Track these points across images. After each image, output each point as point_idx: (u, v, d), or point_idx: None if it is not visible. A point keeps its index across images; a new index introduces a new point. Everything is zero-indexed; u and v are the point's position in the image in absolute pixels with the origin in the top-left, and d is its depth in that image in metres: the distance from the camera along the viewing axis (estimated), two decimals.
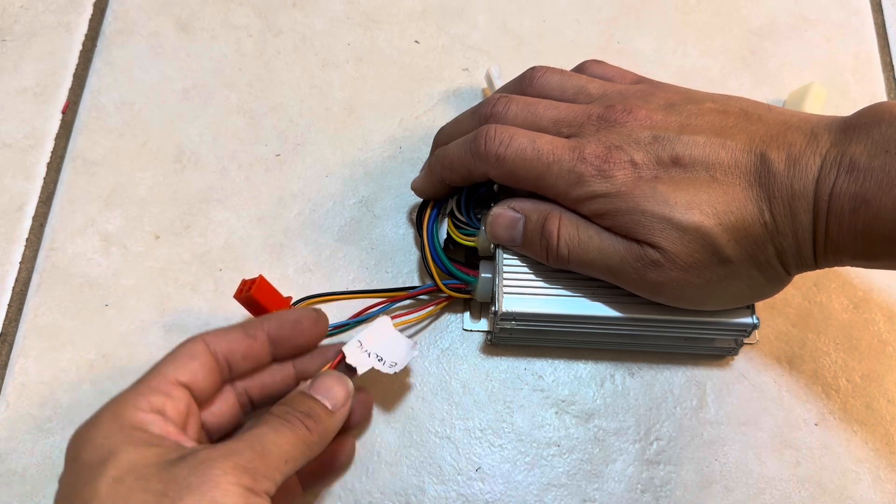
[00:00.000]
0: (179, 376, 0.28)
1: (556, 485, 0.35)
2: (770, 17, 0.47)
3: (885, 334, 0.39)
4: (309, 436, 0.28)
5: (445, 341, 0.38)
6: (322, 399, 0.29)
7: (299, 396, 0.29)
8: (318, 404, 0.29)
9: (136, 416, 0.26)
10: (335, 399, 0.29)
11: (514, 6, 0.47)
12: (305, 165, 0.42)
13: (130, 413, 0.27)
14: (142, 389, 0.28)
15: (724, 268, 0.30)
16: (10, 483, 0.35)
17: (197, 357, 0.29)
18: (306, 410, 0.28)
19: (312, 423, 0.28)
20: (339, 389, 0.30)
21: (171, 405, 0.28)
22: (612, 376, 0.38)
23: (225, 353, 0.30)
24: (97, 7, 0.46)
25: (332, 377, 0.30)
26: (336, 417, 0.29)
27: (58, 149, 0.42)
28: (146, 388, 0.28)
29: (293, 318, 0.31)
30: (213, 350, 0.30)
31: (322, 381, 0.30)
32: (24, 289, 0.39)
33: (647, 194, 0.30)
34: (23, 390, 0.36)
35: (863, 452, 0.36)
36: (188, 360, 0.29)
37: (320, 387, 0.29)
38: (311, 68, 0.45)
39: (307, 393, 0.29)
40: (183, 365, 0.29)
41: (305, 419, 0.28)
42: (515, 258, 0.35)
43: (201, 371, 0.29)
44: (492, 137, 0.33)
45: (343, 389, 0.30)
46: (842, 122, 0.29)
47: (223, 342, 0.30)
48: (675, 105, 0.32)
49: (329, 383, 0.30)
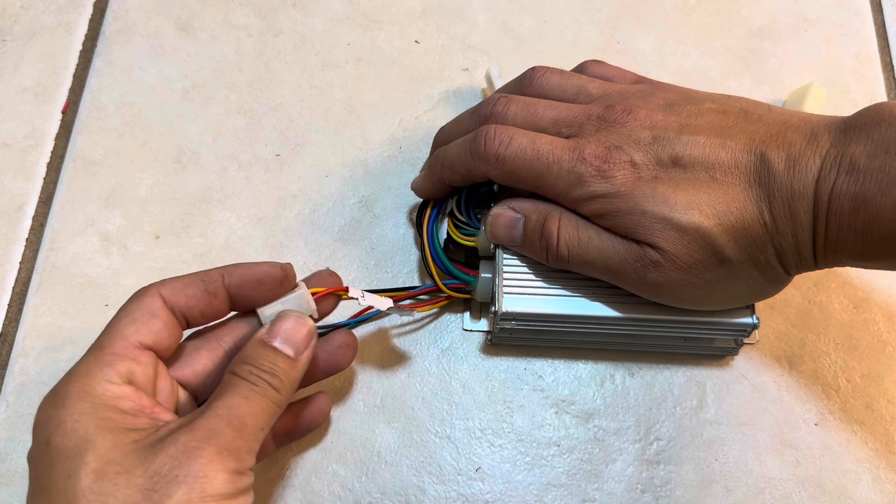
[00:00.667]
0: (143, 338, 0.27)
1: (556, 485, 0.35)
2: (770, 17, 0.47)
3: (885, 334, 0.39)
4: (277, 395, 0.27)
5: (445, 341, 0.38)
6: (282, 346, 0.28)
7: (260, 349, 0.28)
8: (280, 355, 0.28)
9: (107, 392, 0.25)
10: (296, 344, 0.28)
11: (514, 6, 0.47)
12: (305, 165, 0.42)
13: (101, 388, 0.25)
14: (106, 357, 0.26)
15: (724, 268, 0.30)
16: (11, 483, 0.35)
17: (157, 315, 0.28)
18: (269, 368, 0.27)
19: (278, 382, 0.27)
20: (298, 331, 0.28)
21: (140, 371, 0.27)
22: (612, 376, 0.38)
23: (183, 309, 0.29)
24: (97, 7, 0.46)
25: (291, 319, 0.28)
26: (299, 366, 0.28)
27: (58, 149, 0.43)
28: (111, 356, 0.26)
29: (257, 276, 0.29)
30: (170, 305, 0.28)
31: (281, 325, 0.28)
32: (24, 289, 0.39)
33: (647, 194, 0.30)
34: (23, 390, 0.36)
35: (863, 452, 0.36)
36: (149, 318, 0.28)
37: (279, 331, 0.28)
38: (311, 68, 0.45)
39: (267, 342, 0.28)
40: (144, 325, 0.27)
41: (271, 378, 0.27)
42: (515, 258, 0.35)
43: (165, 330, 0.28)
44: (492, 137, 0.33)
45: (303, 331, 0.28)
46: (842, 122, 0.29)
47: (181, 298, 0.28)
48: (674, 105, 0.32)
49: (288, 326, 0.28)
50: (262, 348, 0.28)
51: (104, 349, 0.27)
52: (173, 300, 0.28)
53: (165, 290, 0.28)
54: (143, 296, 0.28)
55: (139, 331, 0.27)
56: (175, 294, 0.28)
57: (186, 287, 0.29)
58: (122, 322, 0.27)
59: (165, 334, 0.28)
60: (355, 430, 0.36)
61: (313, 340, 0.29)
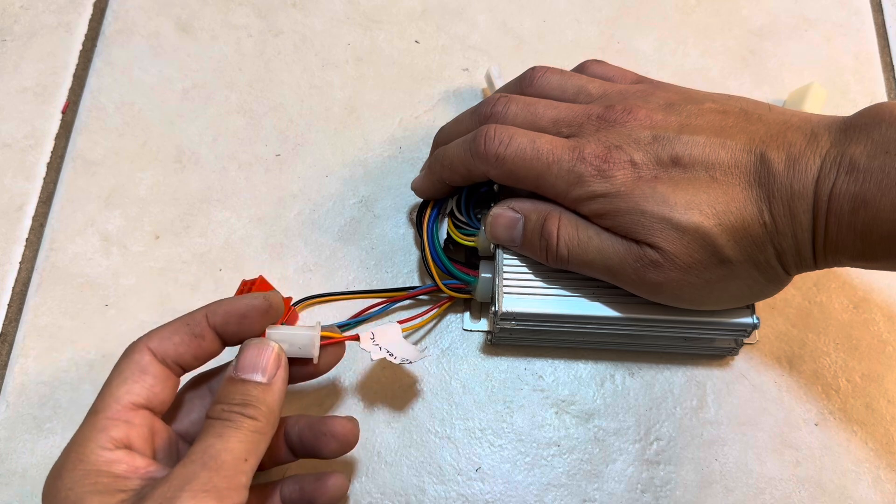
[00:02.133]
0: (135, 398, 0.27)
1: (556, 485, 0.35)
2: (770, 17, 0.47)
3: (885, 334, 0.39)
4: (255, 424, 0.26)
5: (445, 341, 0.38)
6: (251, 376, 0.27)
7: (229, 385, 0.27)
8: (250, 384, 0.27)
9: (100, 458, 0.26)
10: (265, 368, 0.28)
11: (514, 6, 0.47)
12: (305, 165, 0.42)
13: (94, 455, 0.26)
14: (101, 423, 0.26)
15: (724, 268, 0.30)
16: (10, 483, 0.35)
17: (148, 370, 0.28)
18: (241, 399, 0.27)
19: (253, 410, 0.27)
20: (264, 358, 0.28)
21: (135, 434, 0.27)
22: (612, 376, 0.38)
23: (173, 357, 0.28)
24: (97, 7, 0.46)
25: (252, 348, 0.28)
26: (274, 388, 0.28)
27: (58, 149, 0.42)
28: (105, 421, 0.26)
29: (240, 311, 0.29)
30: (160, 357, 0.28)
31: (244, 357, 0.28)
32: (24, 289, 0.39)
33: (647, 194, 0.30)
34: (23, 390, 0.36)
35: (863, 452, 0.36)
36: (140, 376, 0.28)
37: (245, 365, 0.28)
38: (311, 68, 0.45)
39: (235, 377, 0.28)
40: (136, 383, 0.27)
41: (244, 409, 0.26)
42: (515, 258, 0.35)
43: (157, 385, 0.28)
44: (491, 137, 0.33)
45: (268, 355, 0.28)
46: (842, 122, 0.29)
47: (169, 347, 0.28)
48: (674, 105, 0.32)
49: (251, 356, 0.28)
50: (230, 385, 0.27)
51: (98, 414, 0.27)
52: (162, 351, 0.28)
53: (153, 343, 0.28)
54: (131, 353, 0.28)
55: (130, 391, 0.27)
56: (163, 344, 0.28)
57: (172, 335, 0.28)
58: (114, 383, 0.27)
59: (158, 389, 0.28)
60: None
61: (283, 359, 0.29)
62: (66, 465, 0.26)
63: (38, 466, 0.35)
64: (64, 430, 0.36)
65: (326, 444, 0.32)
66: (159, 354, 0.28)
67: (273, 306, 0.30)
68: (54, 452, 0.35)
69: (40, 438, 0.35)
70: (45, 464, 0.35)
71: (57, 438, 0.35)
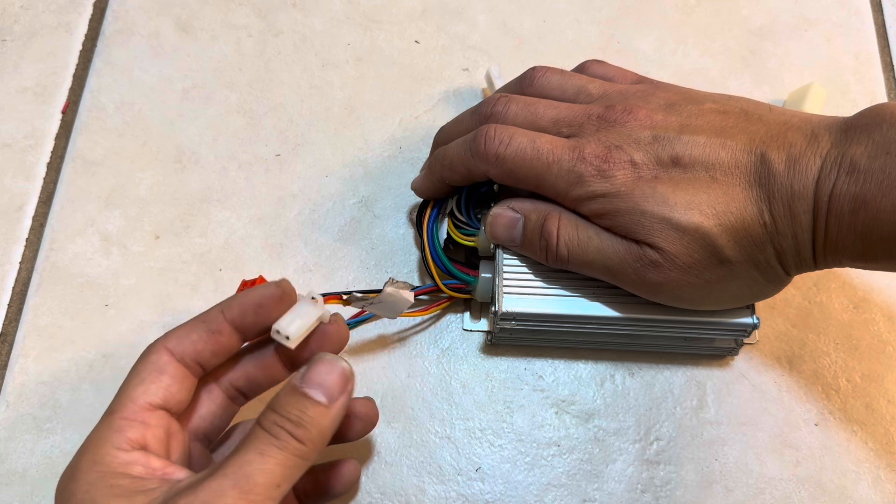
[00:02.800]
0: (152, 399, 0.27)
1: (556, 485, 0.35)
2: (770, 17, 0.47)
3: (885, 334, 0.39)
4: (301, 448, 0.25)
5: (445, 341, 0.38)
6: (313, 392, 0.26)
7: (289, 395, 0.26)
8: (310, 402, 0.26)
9: (115, 460, 0.25)
10: (330, 390, 0.26)
11: (514, 6, 0.47)
12: (305, 165, 0.42)
13: (110, 457, 0.25)
14: (116, 423, 0.26)
15: (724, 268, 0.30)
16: (10, 483, 0.35)
17: (165, 370, 0.27)
18: (296, 417, 0.25)
19: (303, 433, 0.25)
20: (334, 377, 0.26)
21: (150, 435, 0.26)
22: (612, 376, 0.38)
23: (192, 355, 0.28)
24: (97, 7, 0.46)
25: (325, 363, 0.27)
26: (332, 413, 0.26)
27: (58, 149, 0.42)
28: (120, 422, 0.26)
29: (255, 301, 0.28)
30: (178, 357, 0.28)
31: (315, 370, 0.26)
32: (24, 289, 0.39)
33: (647, 194, 0.30)
34: (23, 390, 0.36)
35: (863, 453, 0.36)
36: (157, 376, 0.27)
37: (312, 379, 0.26)
38: (311, 68, 0.45)
39: (298, 388, 0.26)
40: (153, 383, 0.27)
41: (296, 429, 0.25)
42: (515, 258, 0.35)
43: (175, 384, 0.27)
44: (492, 137, 0.33)
45: (338, 376, 0.26)
46: (842, 122, 0.29)
47: (187, 345, 0.28)
48: (675, 105, 0.32)
49: (322, 371, 0.26)
50: (291, 395, 0.26)
51: (114, 414, 0.26)
52: (180, 350, 0.28)
53: (170, 343, 0.28)
54: (149, 353, 0.28)
55: (147, 391, 0.27)
56: (181, 343, 0.28)
57: (189, 333, 0.28)
58: (131, 384, 0.27)
59: (175, 389, 0.27)
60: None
61: (350, 385, 0.27)
62: (81, 466, 0.25)
63: (38, 466, 0.35)
64: (64, 430, 0.36)
65: (351, 427, 0.32)
66: (177, 354, 0.28)
67: (286, 293, 0.29)
68: (54, 452, 0.35)
69: (40, 438, 0.35)
70: (45, 464, 0.35)
71: (57, 438, 0.35)
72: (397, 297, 0.33)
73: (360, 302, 0.33)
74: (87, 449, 0.26)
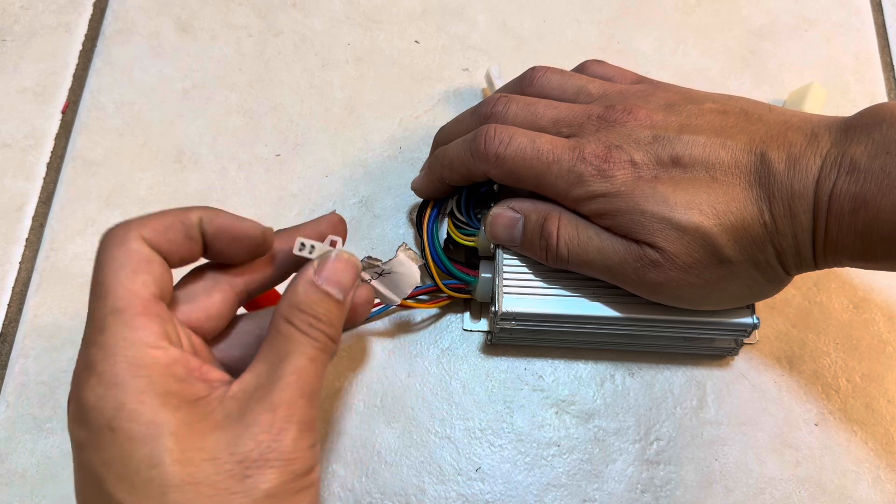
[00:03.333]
0: (153, 290, 0.25)
1: (556, 485, 0.35)
2: (770, 17, 0.47)
3: (885, 334, 0.39)
4: (332, 346, 0.26)
5: (445, 341, 0.38)
6: (334, 290, 0.26)
7: (311, 292, 0.26)
8: (332, 300, 0.26)
9: (156, 362, 0.23)
10: (345, 287, 0.27)
11: (514, 6, 0.47)
12: (305, 165, 0.42)
13: (148, 358, 0.23)
14: (136, 320, 0.23)
15: (724, 268, 0.30)
16: (10, 483, 0.35)
17: (152, 259, 0.25)
18: (325, 317, 0.26)
19: (334, 331, 0.26)
20: (350, 275, 0.27)
21: (170, 329, 0.24)
22: (612, 376, 0.38)
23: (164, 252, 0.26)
24: (97, 7, 0.46)
25: (342, 260, 0.27)
26: (345, 307, 0.27)
27: (58, 149, 0.42)
28: (138, 318, 0.24)
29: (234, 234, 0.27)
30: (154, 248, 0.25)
31: (334, 267, 0.27)
32: (23, 289, 0.39)
33: (647, 194, 0.30)
34: (23, 390, 0.36)
35: (863, 453, 0.36)
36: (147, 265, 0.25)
37: (331, 276, 0.26)
38: (311, 68, 0.45)
39: (319, 286, 0.26)
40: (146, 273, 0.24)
41: (329, 329, 0.26)
42: (515, 258, 0.35)
43: (165, 275, 0.25)
44: (492, 137, 0.33)
45: (353, 275, 0.27)
46: (842, 122, 0.29)
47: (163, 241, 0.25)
48: (675, 105, 0.32)
49: (340, 268, 0.27)
50: (313, 291, 0.26)
51: (123, 312, 0.23)
52: (156, 244, 0.25)
53: (146, 232, 0.25)
54: (126, 241, 0.25)
55: (147, 282, 0.24)
56: (157, 237, 0.25)
57: (168, 231, 0.26)
58: (122, 274, 0.24)
59: (167, 280, 0.25)
60: (355, 431, 0.36)
61: (357, 281, 0.28)
62: (119, 371, 0.23)
63: (38, 466, 0.35)
64: (63, 430, 0.36)
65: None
66: (153, 245, 0.25)
67: (266, 241, 0.28)
68: (54, 453, 0.35)
69: (40, 438, 0.35)
70: (45, 464, 0.35)
71: (57, 438, 0.35)
72: (406, 269, 0.32)
73: (371, 269, 0.32)
74: (111, 350, 0.23)
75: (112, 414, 0.22)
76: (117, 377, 0.23)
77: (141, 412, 0.22)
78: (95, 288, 0.24)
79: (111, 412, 0.22)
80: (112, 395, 0.23)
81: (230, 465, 0.23)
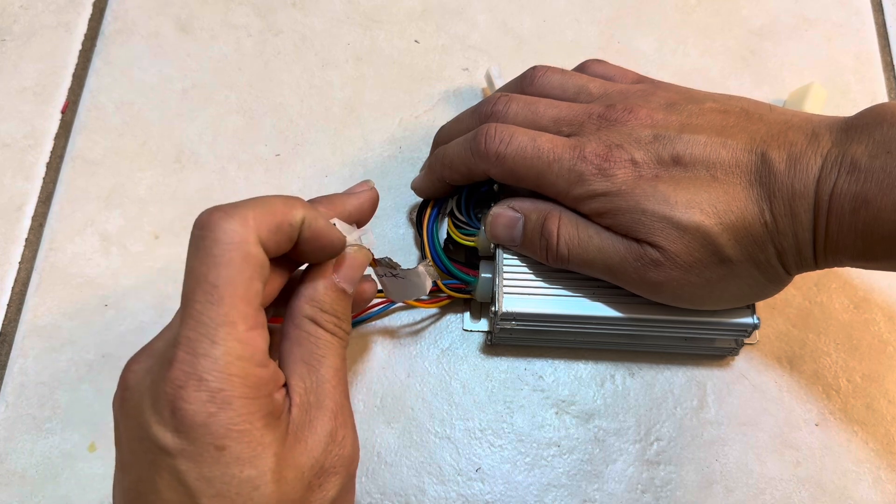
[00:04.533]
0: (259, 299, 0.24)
1: (557, 485, 0.35)
2: (770, 17, 0.47)
3: (885, 334, 0.39)
4: (348, 339, 0.27)
5: (445, 341, 0.38)
6: (346, 287, 0.28)
7: (332, 293, 0.27)
8: (346, 297, 0.28)
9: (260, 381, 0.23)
10: (354, 280, 0.28)
11: (514, 6, 0.47)
12: (305, 165, 0.42)
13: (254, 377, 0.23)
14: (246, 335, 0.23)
15: (724, 267, 0.30)
16: (10, 483, 0.35)
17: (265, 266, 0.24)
18: (343, 314, 0.27)
19: (349, 326, 0.27)
20: (359, 270, 0.28)
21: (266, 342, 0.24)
22: (612, 376, 0.38)
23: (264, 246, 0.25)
24: (97, 7, 0.46)
25: (359, 257, 0.28)
26: (352, 298, 0.29)
27: (57, 149, 0.42)
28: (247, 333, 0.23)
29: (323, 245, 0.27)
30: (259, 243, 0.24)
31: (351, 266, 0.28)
32: (23, 289, 0.39)
33: (648, 193, 0.30)
34: (22, 390, 0.36)
35: (863, 453, 0.36)
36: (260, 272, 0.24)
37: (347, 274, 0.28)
38: (311, 68, 0.45)
39: (338, 286, 0.27)
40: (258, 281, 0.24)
41: (346, 325, 0.27)
42: (515, 258, 0.35)
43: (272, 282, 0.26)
44: (492, 136, 0.33)
45: (363, 270, 0.29)
46: (843, 122, 0.29)
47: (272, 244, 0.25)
48: (675, 104, 0.32)
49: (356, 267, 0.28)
50: (335, 293, 0.27)
51: (237, 325, 0.23)
52: (265, 244, 0.24)
53: (262, 233, 0.24)
54: (245, 243, 0.24)
55: (259, 291, 0.24)
56: (268, 238, 0.24)
57: (276, 232, 0.25)
58: (239, 282, 0.23)
59: (271, 287, 0.26)
60: None
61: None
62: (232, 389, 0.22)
63: (37, 466, 0.35)
64: (63, 430, 0.36)
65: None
66: (263, 247, 0.24)
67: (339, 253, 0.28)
68: (54, 453, 0.35)
69: (40, 438, 0.35)
70: (45, 464, 0.35)
71: (56, 439, 0.35)
72: (420, 281, 0.33)
73: (386, 268, 0.32)
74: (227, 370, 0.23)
75: (222, 434, 0.22)
76: (231, 398, 0.23)
77: (250, 433, 0.23)
78: (207, 288, 0.23)
79: (222, 432, 0.22)
80: (224, 415, 0.22)
81: (310, 477, 0.24)
